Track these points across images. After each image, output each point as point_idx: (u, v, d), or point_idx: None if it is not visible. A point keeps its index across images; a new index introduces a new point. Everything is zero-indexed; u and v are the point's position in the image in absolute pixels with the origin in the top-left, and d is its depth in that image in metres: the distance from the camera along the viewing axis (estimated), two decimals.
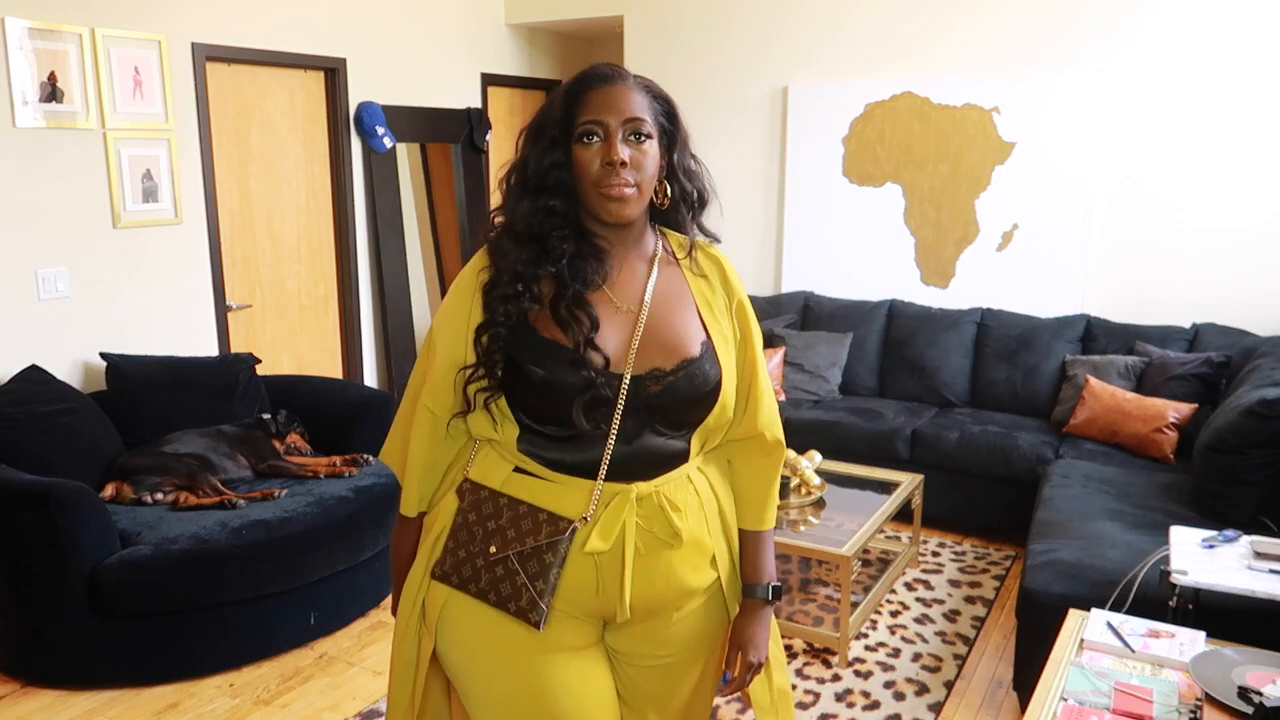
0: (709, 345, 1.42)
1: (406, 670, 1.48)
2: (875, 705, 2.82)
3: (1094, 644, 1.93)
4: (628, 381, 1.35)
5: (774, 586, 1.53)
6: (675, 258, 1.47)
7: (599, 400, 1.33)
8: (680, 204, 1.45)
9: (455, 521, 1.42)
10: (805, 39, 5.01)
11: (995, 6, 4.51)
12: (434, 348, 1.45)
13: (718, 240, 1.53)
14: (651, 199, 1.41)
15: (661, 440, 1.40)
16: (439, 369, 1.43)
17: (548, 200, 1.37)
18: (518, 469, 1.41)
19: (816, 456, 3.64)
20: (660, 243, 1.47)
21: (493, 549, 1.36)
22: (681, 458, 1.43)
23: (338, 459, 3.53)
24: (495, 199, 1.47)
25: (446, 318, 1.44)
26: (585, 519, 1.36)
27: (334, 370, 4.91)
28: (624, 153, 1.32)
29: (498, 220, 1.43)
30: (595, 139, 1.34)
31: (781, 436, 1.54)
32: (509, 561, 1.36)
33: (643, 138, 1.35)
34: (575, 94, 1.36)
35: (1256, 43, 3.99)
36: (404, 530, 1.62)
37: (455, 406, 1.43)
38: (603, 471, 1.36)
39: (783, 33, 5.06)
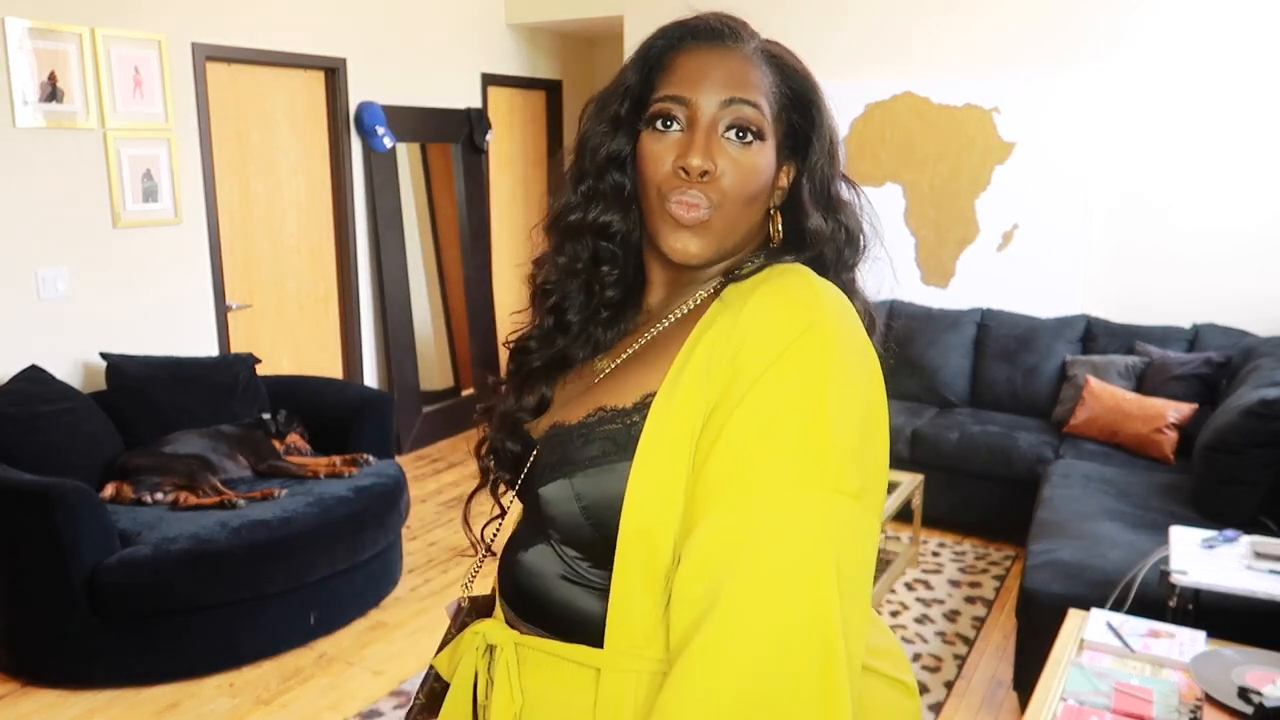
0: (618, 417, 0.85)
1: None
2: None
3: (1094, 644, 1.93)
4: (536, 445, 0.93)
5: None
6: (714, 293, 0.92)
7: (512, 483, 0.97)
8: (815, 249, 0.92)
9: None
10: (805, 39, 4.98)
11: (995, 6, 4.51)
12: None
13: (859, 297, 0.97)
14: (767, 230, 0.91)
15: (556, 577, 0.87)
16: None
17: (600, 214, 0.93)
18: None
19: None
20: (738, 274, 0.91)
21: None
22: (593, 630, 0.84)
23: (338, 459, 3.53)
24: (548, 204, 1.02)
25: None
26: (440, 648, 1.01)
27: (334, 370, 4.91)
28: (702, 158, 0.84)
29: (545, 234, 0.99)
30: (672, 126, 0.87)
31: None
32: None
33: (748, 136, 0.86)
34: (660, 52, 0.90)
35: (1257, 43, 3.99)
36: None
37: None
38: (469, 580, 0.99)
39: (782, 33, 4.99)
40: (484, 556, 1.01)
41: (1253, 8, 3.98)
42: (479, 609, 1.03)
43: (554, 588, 0.87)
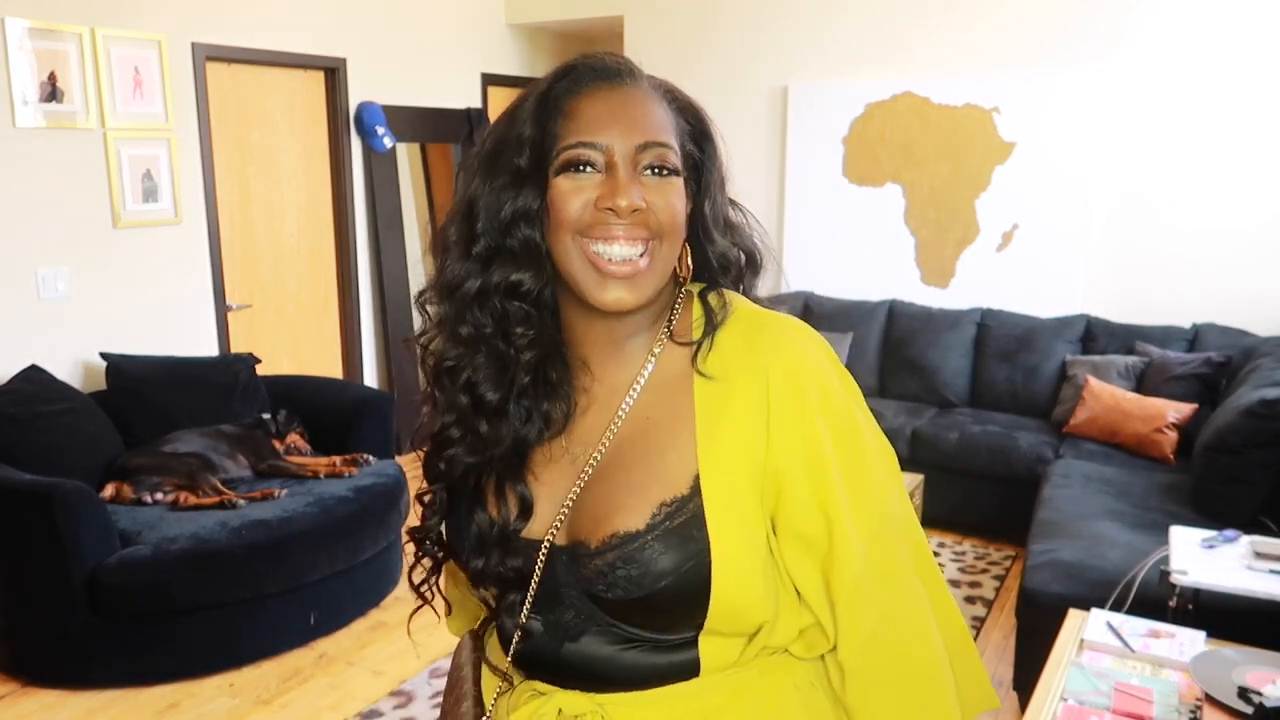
0: (686, 501, 0.84)
1: None
2: None
3: (1094, 644, 1.93)
4: (545, 552, 0.88)
5: None
6: (695, 333, 0.90)
7: (522, 590, 0.90)
8: (718, 276, 0.93)
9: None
10: (805, 39, 5.01)
11: (995, 6, 4.51)
12: None
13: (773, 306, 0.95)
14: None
15: (616, 650, 0.88)
16: None
17: (508, 274, 0.87)
18: None
19: None
20: (678, 311, 0.92)
21: None
22: (681, 672, 0.88)
23: (338, 459, 3.53)
24: (424, 266, 0.96)
25: None
26: (487, 716, 0.96)
27: (334, 370, 4.91)
28: (636, 195, 0.83)
29: (429, 308, 0.92)
30: (588, 170, 0.84)
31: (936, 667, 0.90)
32: None
33: (667, 173, 0.85)
34: (558, 98, 0.86)
35: (1257, 43, 3.99)
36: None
37: None
38: (509, 659, 0.92)
39: (783, 33, 5.06)
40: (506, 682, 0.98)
41: (1253, 8, 3.98)
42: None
43: (619, 659, 0.88)
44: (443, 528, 0.95)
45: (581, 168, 0.84)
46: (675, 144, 0.87)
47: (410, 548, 0.97)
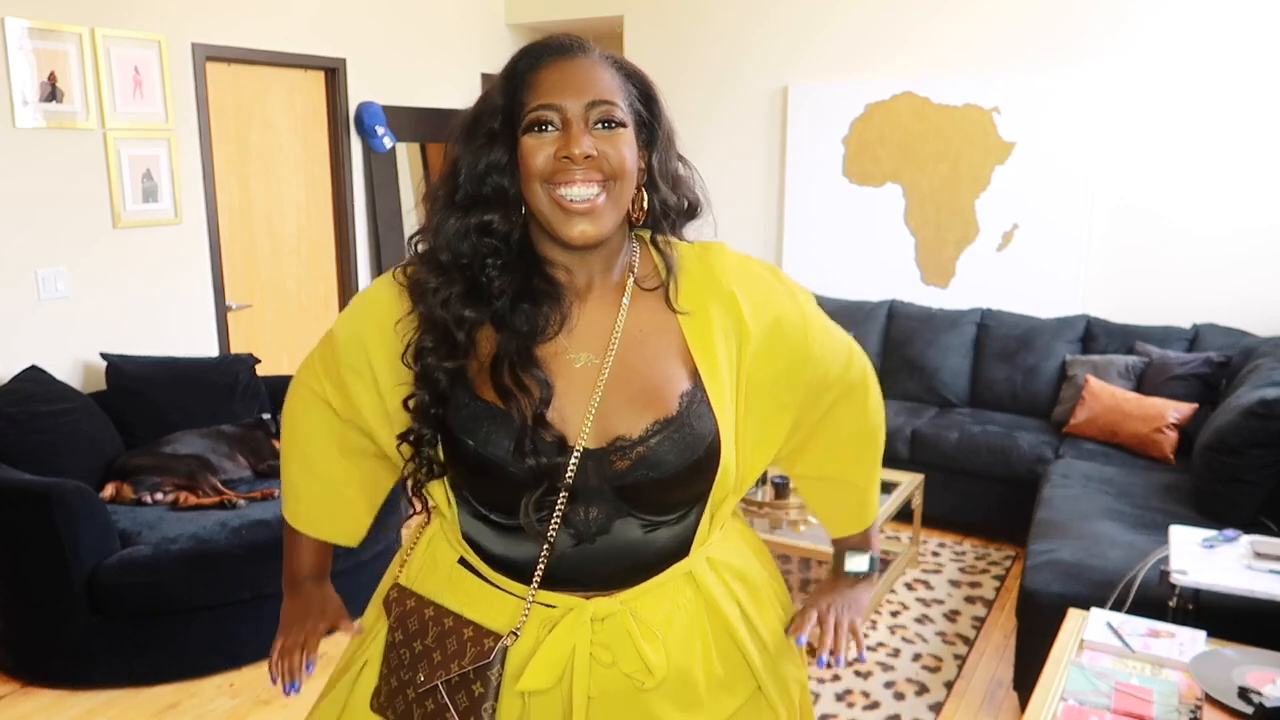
0: (695, 394, 1.06)
1: None
2: (875, 705, 2.82)
3: (1094, 644, 1.93)
4: (577, 457, 1.02)
5: (869, 557, 1.28)
6: (658, 277, 1.12)
7: (553, 490, 1.03)
8: (661, 220, 1.12)
9: (386, 641, 1.15)
10: (805, 39, 5.01)
11: (995, 6, 4.51)
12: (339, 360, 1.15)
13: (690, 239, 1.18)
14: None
15: (642, 534, 1.06)
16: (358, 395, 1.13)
17: (481, 215, 1.04)
18: (462, 560, 1.12)
19: None
20: (635, 257, 1.12)
21: (421, 676, 1.08)
22: (677, 553, 1.10)
23: None
24: (418, 216, 1.13)
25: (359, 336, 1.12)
26: (515, 634, 1.05)
27: None
28: (588, 144, 0.99)
29: (419, 245, 1.10)
30: (549, 129, 1.01)
31: (862, 372, 1.26)
32: (438, 692, 1.06)
33: (614, 125, 1.02)
34: (523, 73, 1.03)
35: (1257, 43, 3.99)
36: (292, 542, 1.33)
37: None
38: (536, 577, 1.05)
39: (783, 32, 5.06)
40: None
41: (1252, 8, 3.98)
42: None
43: (639, 543, 1.07)
44: (439, 449, 1.08)
45: (543, 127, 1.01)
46: (621, 103, 1.03)
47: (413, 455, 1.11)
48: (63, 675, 2.87)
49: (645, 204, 1.09)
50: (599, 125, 1.01)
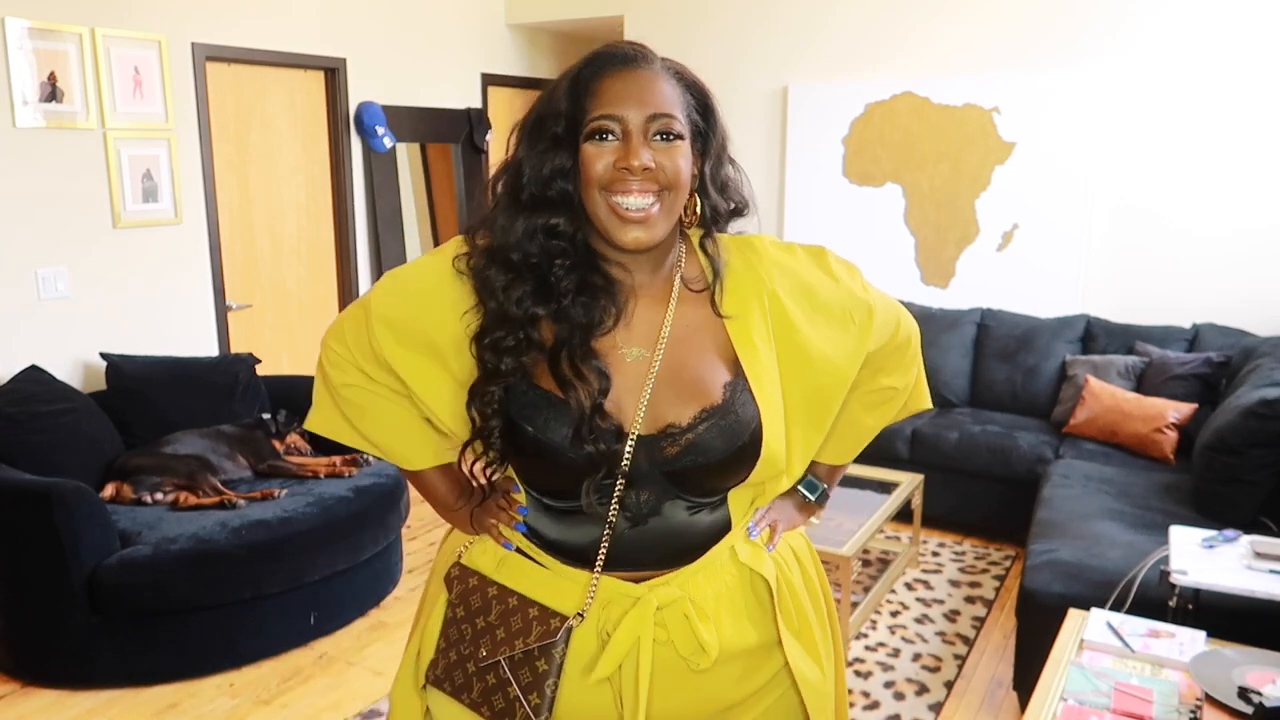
0: (738, 385, 1.12)
1: None
2: (875, 705, 2.82)
3: (1094, 644, 1.93)
4: (631, 444, 1.09)
5: (821, 488, 1.34)
6: (704, 280, 1.17)
7: (610, 475, 1.09)
8: (710, 223, 1.18)
9: (445, 616, 1.20)
10: (805, 39, 5.01)
11: (995, 6, 4.51)
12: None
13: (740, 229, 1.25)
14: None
15: (688, 516, 1.14)
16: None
17: (548, 218, 1.09)
18: (517, 548, 1.19)
19: None
20: (683, 258, 1.18)
21: (483, 651, 1.14)
22: (720, 533, 1.17)
23: (338, 459, 3.53)
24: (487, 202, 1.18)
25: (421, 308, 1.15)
26: (580, 615, 1.12)
27: None
28: (646, 156, 1.05)
29: (480, 241, 1.13)
30: (610, 138, 1.06)
31: (907, 335, 1.31)
32: (500, 668, 1.12)
33: (672, 138, 1.07)
34: (587, 80, 1.08)
35: (1257, 43, 3.99)
36: (417, 482, 1.30)
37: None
38: (600, 558, 1.12)
39: (783, 32, 5.06)
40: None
41: (1253, 8, 3.98)
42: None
43: (686, 525, 1.14)
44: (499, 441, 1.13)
45: (604, 136, 1.06)
46: (680, 115, 1.08)
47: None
48: (63, 675, 2.87)
49: (697, 208, 1.15)
50: (657, 137, 1.06)
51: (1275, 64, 3.97)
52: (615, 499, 1.09)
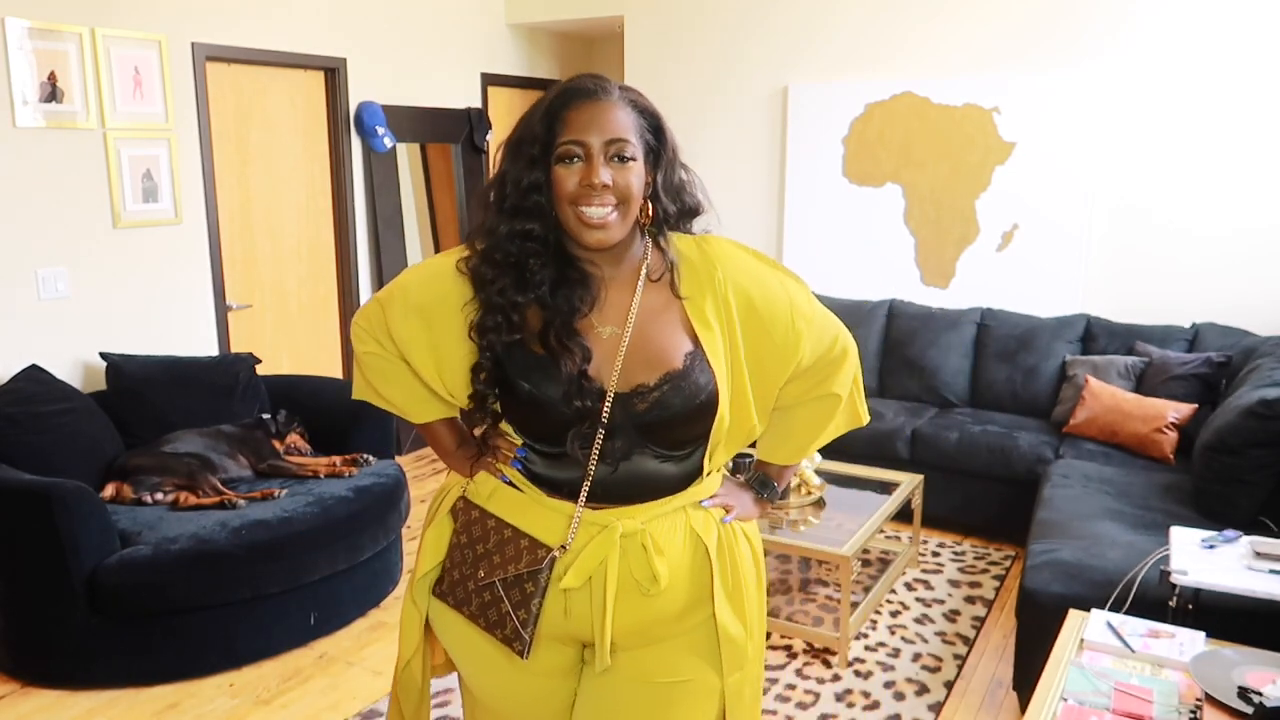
0: (696, 355, 1.35)
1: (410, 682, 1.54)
2: (875, 705, 2.82)
3: (1094, 644, 1.93)
4: (610, 399, 1.32)
5: (772, 485, 1.56)
6: (666, 270, 1.40)
7: (592, 425, 1.32)
8: (663, 223, 1.39)
9: (451, 541, 1.44)
10: (805, 39, 5.01)
11: (995, 6, 4.51)
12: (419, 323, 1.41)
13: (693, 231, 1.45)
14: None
15: (656, 464, 1.37)
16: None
17: (525, 224, 1.32)
18: (508, 480, 1.41)
19: (816, 456, 3.64)
20: (648, 255, 1.41)
21: (481, 573, 1.37)
22: (684, 481, 1.40)
23: (338, 459, 3.53)
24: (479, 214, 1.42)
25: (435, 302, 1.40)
26: (564, 547, 1.34)
27: (334, 370, 4.91)
28: (605, 176, 1.28)
29: (477, 245, 1.37)
30: (576, 160, 1.29)
31: (843, 350, 1.49)
32: (495, 588, 1.36)
33: (627, 160, 1.30)
34: (556, 111, 1.31)
35: (1257, 43, 3.99)
36: (428, 431, 1.57)
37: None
38: (583, 496, 1.35)
39: (783, 32, 5.06)
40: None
41: (1253, 8, 3.98)
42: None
43: (655, 471, 1.37)
44: (497, 405, 1.39)
45: (571, 159, 1.29)
46: (634, 139, 1.31)
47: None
48: (63, 675, 2.87)
49: (651, 212, 1.36)
50: (615, 159, 1.29)
51: (1275, 64, 3.97)
52: (596, 446, 1.32)
